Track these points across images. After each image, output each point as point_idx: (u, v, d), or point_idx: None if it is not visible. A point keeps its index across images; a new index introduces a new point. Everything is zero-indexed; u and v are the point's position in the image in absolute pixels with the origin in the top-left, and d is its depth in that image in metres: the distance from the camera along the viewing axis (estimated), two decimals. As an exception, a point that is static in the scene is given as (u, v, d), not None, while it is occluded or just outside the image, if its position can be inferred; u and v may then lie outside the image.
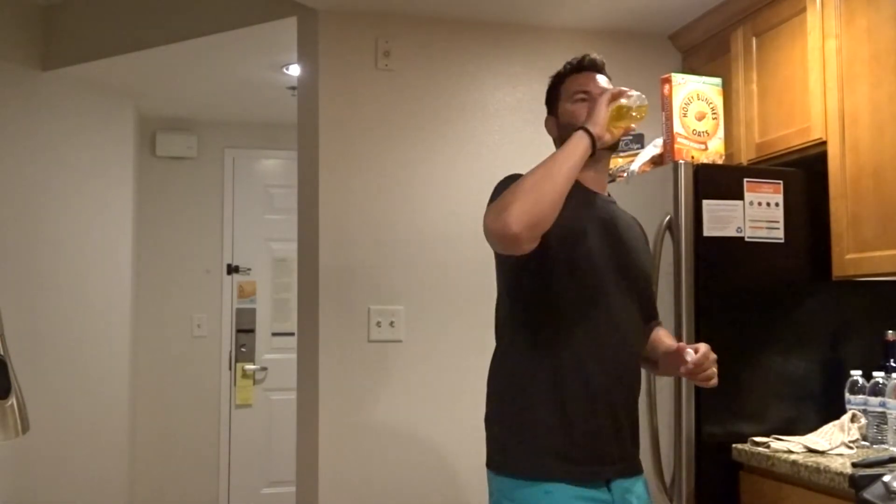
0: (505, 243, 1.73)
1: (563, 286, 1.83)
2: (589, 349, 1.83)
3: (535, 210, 1.68)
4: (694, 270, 2.53)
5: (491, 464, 1.90)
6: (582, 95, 1.96)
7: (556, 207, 1.72)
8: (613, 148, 1.97)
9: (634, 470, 1.91)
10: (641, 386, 1.98)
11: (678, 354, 1.87)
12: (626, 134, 1.94)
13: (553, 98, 2.02)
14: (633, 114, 1.84)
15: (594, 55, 2.02)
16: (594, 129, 1.80)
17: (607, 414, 1.83)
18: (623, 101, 1.84)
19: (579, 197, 1.88)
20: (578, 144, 1.78)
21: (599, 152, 1.87)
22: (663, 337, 2.07)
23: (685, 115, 2.75)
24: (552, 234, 1.77)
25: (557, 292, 1.83)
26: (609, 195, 2.05)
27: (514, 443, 1.84)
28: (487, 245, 1.93)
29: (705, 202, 2.57)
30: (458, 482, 3.13)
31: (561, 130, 1.96)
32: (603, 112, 1.82)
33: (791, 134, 2.72)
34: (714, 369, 1.86)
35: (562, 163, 1.76)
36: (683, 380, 2.52)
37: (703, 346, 1.86)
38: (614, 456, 1.85)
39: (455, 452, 3.14)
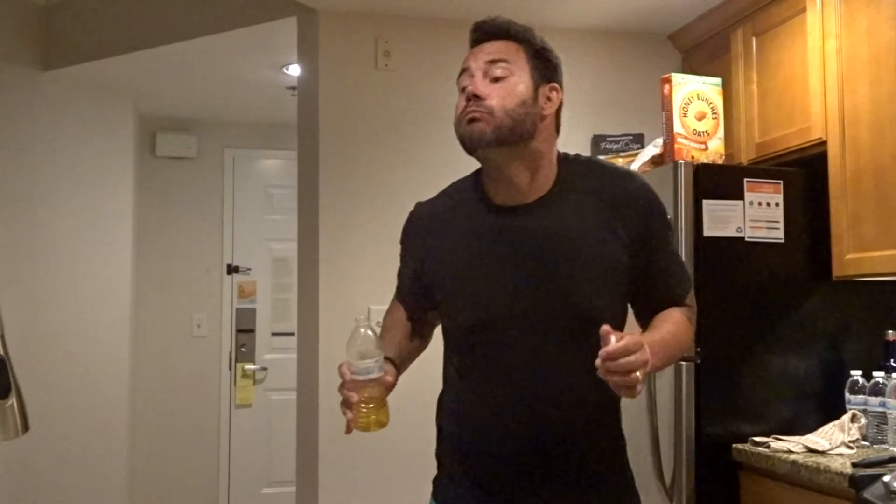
0: None
1: (445, 327, 1.68)
2: (475, 396, 1.62)
3: None
4: (694, 270, 2.52)
5: None
6: (464, 82, 1.57)
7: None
8: (511, 143, 1.55)
9: None
10: (619, 403, 1.56)
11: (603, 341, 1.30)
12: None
13: None
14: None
15: (493, 17, 1.60)
16: None
17: (511, 464, 1.56)
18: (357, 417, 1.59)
19: (474, 220, 1.59)
20: None
21: (494, 154, 1.55)
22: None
23: (685, 115, 2.75)
24: (427, 277, 1.65)
25: (445, 330, 1.69)
26: (544, 199, 1.56)
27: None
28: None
29: (705, 202, 2.57)
30: (458, 482, 3.13)
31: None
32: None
33: (791, 134, 2.72)
34: (637, 375, 1.27)
35: None
36: (683, 379, 2.52)
37: (628, 337, 1.28)
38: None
39: (455, 452, 3.14)
